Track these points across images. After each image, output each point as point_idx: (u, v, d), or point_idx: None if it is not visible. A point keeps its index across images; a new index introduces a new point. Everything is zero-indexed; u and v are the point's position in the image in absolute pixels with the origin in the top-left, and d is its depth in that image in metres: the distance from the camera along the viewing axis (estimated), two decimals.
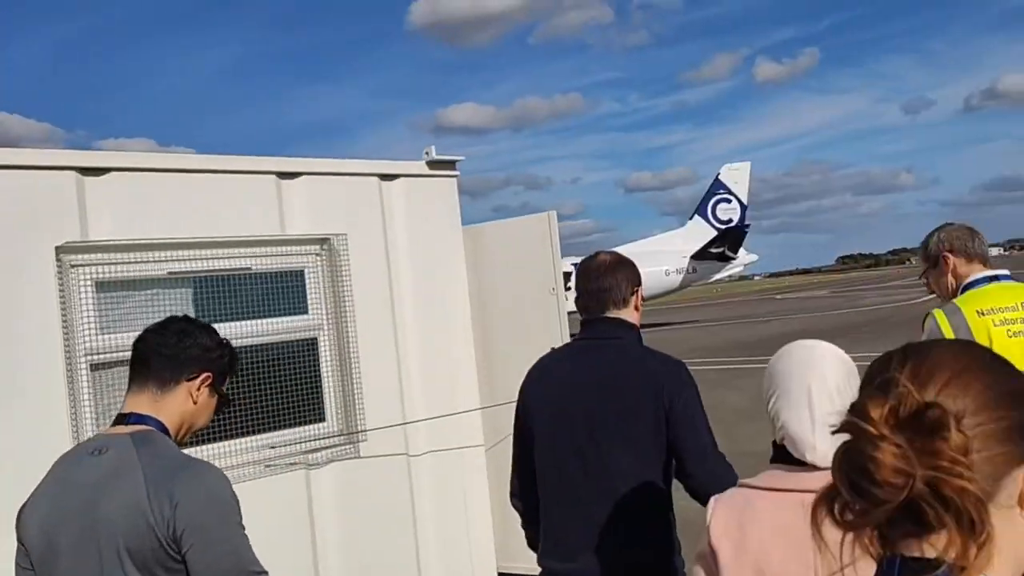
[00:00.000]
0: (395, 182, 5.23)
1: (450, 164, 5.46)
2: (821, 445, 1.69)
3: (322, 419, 4.83)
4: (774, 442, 1.83)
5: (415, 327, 5.21)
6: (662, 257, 39.64)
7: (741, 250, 39.82)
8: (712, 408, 2.74)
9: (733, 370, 19.09)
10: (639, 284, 2.78)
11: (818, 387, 1.74)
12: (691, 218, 41.63)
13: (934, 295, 3.77)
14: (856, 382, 1.75)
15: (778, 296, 70.01)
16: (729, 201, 40.83)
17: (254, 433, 4.47)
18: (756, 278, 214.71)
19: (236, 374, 2.40)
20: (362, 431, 4.89)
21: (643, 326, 2.87)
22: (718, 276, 41.79)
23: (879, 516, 0.92)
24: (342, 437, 4.87)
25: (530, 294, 5.37)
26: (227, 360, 2.26)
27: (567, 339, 5.38)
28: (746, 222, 40.41)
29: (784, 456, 1.79)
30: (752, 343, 25.30)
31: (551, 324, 5.30)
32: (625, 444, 2.53)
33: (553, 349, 3.04)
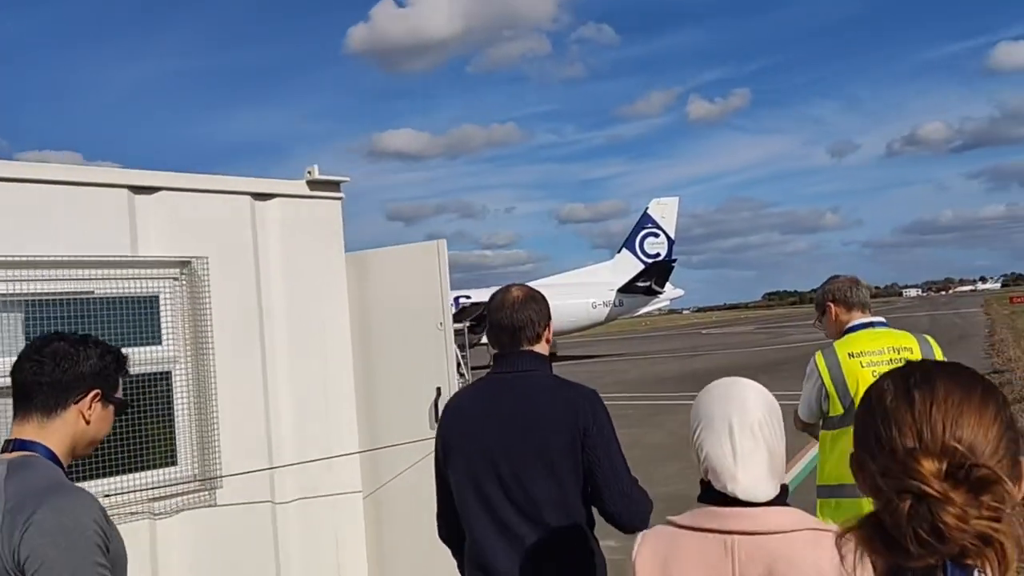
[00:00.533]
0: (270, 202, 4.79)
1: (334, 185, 5.05)
2: (743, 477, 1.76)
3: (173, 462, 4.32)
4: (702, 480, 1.86)
5: (287, 362, 4.74)
6: (589, 289, 39.71)
7: (668, 284, 40.15)
8: (630, 446, 2.80)
9: (655, 406, 18.95)
10: (549, 319, 2.85)
11: (739, 420, 1.81)
12: (619, 251, 41.83)
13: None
14: (778, 417, 1.86)
15: (704, 331, 70.97)
16: (657, 235, 41.21)
17: (89, 478, 3.94)
18: (684, 312, 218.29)
19: (128, 373, 2.31)
20: (220, 476, 4.39)
21: (568, 358, 2.70)
22: (644, 310, 41.98)
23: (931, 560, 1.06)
24: (196, 483, 4.35)
25: (417, 328, 4.97)
26: (114, 367, 2.20)
27: (455, 377, 4.98)
28: (673, 257, 40.84)
29: (711, 494, 1.82)
30: (675, 378, 25.33)
31: (438, 361, 4.91)
32: (546, 473, 2.59)
33: (468, 384, 3.06)
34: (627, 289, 39.23)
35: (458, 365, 21.81)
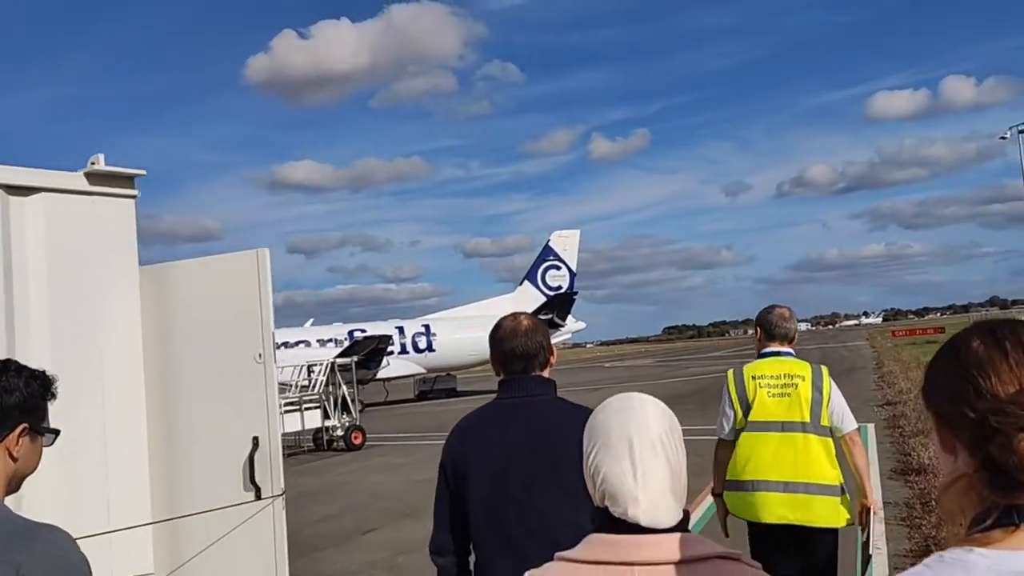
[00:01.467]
0: (32, 198, 3.69)
1: (125, 180, 3.98)
2: (644, 498, 1.59)
3: None
4: (597, 507, 1.66)
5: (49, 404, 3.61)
6: (490, 322, 38.81)
7: (569, 317, 39.76)
8: None
9: None
10: (551, 345, 2.96)
11: (640, 437, 1.65)
12: (521, 284, 41.30)
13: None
14: (679, 434, 1.72)
15: (607, 364, 71.39)
16: (559, 268, 40.88)
17: None
18: (588, 346, 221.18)
19: (55, 396, 2.11)
20: None
21: (469, 393, 2.06)
22: None
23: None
24: None
25: (231, 362, 3.92)
26: (40, 393, 2.05)
27: (277, 420, 3.96)
28: (574, 289, 40.54)
29: (607, 521, 1.62)
30: None
31: (256, 404, 3.87)
32: (562, 494, 2.61)
33: (477, 409, 3.01)
34: None
35: (347, 402, 20.40)
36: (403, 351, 37.64)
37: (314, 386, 19.13)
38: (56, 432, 2.14)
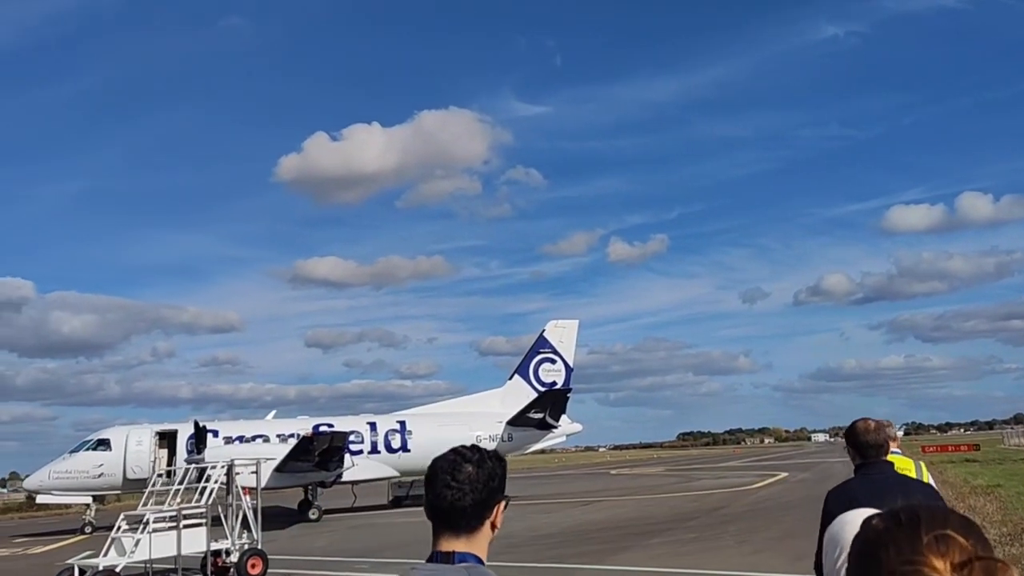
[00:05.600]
0: None
1: None
2: None
3: None
4: None
5: None
6: (475, 421, 34.50)
7: (564, 418, 35.30)
8: None
9: (533, 570, 13.91)
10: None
11: None
12: (511, 377, 36.86)
13: (761, 482, 20.47)
14: None
15: (613, 471, 66.29)
16: (554, 361, 36.56)
17: None
18: (601, 449, 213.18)
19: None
20: None
21: None
22: (537, 446, 36.56)
23: None
24: None
25: None
26: (503, 471, 2.31)
27: None
28: (569, 386, 36.14)
29: None
30: (558, 535, 20.22)
31: None
32: None
33: (846, 481, 3.92)
34: (518, 421, 34.22)
35: (246, 519, 15.86)
36: (374, 450, 33.20)
37: (199, 495, 14.67)
38: (509, 499, 2.36)
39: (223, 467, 14.93)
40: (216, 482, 14.59)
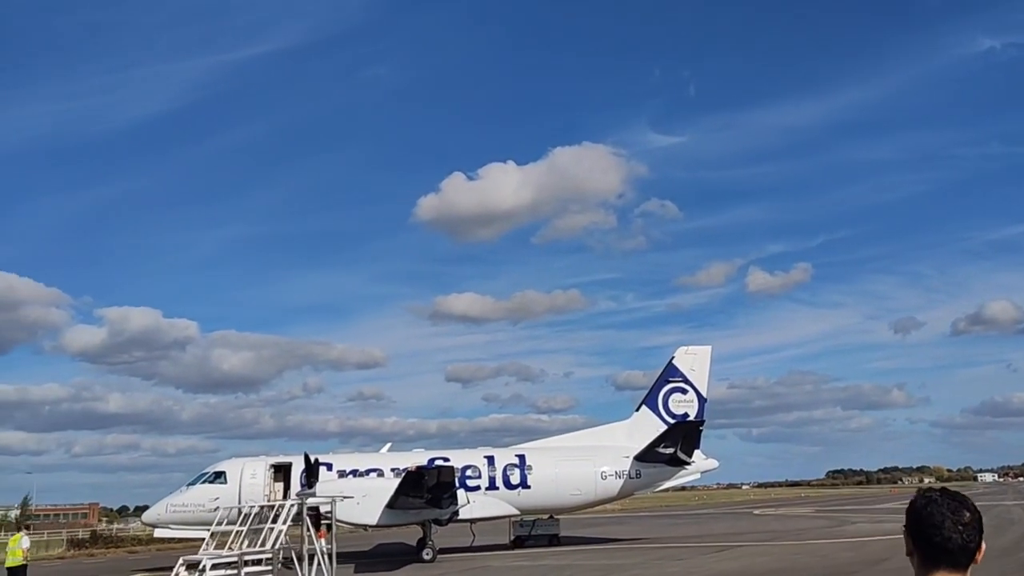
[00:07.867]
0: None
1: None
2: None
3: None
4: None
5: None
6: (599, 456, 31.98)
7: (698, 453, 32.19)
8: None
9: None
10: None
11: None
12: (638, 409, 34.10)
13: None
14: None
15: (757, 510, 61.53)
16: (685, 391, 33.53)
17: None
18: (744, 487, 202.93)
19: None
20: None
21: (570, 540, 0.39)
22: (667, 484, 33.46)
23: None
24: None
25: None
26: None
27: None
28: (703, 418, 33.02)
29: None
30: None
31: None
32: None
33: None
34: (647, 456, 31.44)
35: (318, 558, 14.07)
36: (492, 486, 31.21)
37: (264, 540, 12.89)
38: None
39: (291, 506, 13.29)
40: (284, 522, 12.93)
